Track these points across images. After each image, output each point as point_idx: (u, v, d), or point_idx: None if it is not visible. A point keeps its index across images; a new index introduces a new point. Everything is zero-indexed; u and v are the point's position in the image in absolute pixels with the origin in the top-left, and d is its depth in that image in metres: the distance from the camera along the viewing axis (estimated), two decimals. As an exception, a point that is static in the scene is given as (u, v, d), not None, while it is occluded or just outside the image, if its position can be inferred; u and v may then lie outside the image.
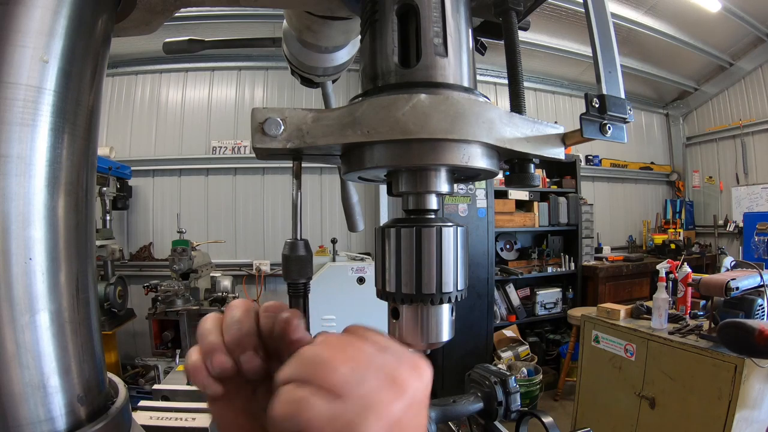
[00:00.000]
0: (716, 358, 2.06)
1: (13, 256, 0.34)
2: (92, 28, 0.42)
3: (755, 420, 2.10)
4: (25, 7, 0.35)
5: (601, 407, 2.72)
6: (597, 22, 0.44)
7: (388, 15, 0.42)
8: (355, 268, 3.78)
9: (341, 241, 4.47)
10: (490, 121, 0.38)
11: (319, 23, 0.63)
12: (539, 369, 4.04)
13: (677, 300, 2.63)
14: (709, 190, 6.45)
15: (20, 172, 0.35)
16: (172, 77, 4.98)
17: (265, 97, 5.04)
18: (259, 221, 4.97)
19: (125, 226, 4.80)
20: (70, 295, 0.39)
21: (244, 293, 4.58)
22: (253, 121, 0.37)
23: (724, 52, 5.57)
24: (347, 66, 0.79)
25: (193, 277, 3.62)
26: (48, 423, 0.36)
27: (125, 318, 3.79)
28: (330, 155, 0.45)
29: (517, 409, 0.96)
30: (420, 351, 0.43)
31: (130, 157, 4.71)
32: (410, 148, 0.39)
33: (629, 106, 0.43)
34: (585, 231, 5.14)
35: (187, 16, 3.94)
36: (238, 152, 4.91)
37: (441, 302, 0.41)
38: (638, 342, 2.46)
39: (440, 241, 0.40)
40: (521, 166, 0.44)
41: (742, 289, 2.06)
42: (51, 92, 0.37)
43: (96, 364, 0.42)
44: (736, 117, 5.96)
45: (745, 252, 5.40)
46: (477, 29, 0.53)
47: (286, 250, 0.40)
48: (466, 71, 0.43)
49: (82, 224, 0.41)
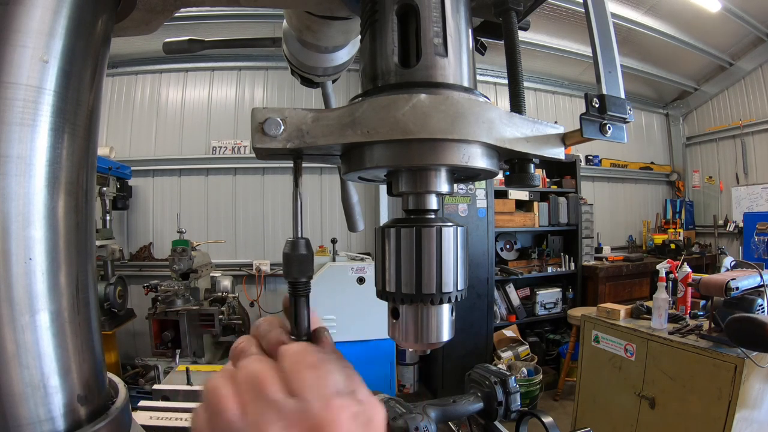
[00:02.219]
0: (716, 358, 2.06)
1: (13, 256, 0.34)
2: (92, 28, 0.42)
3: (755, 420, 2.10)
4: (25, 7, 0.35)
5: (601, 407, 2.72)
6: (597, 22, 0.44)
7: (388, 15, 0.42)
8: (355, 268, 3.78)
9: (341, 241, 4.47)
10: (490, 121, 0.38)
11: (319, 23, 0.63)
12: (539, 369, 4.05)
13: (677, 300, 2.64)
14: (709, 190, 6.45)
15: (20, 172, 0.35)
16: (172, 77, 4.98)
17: (265, 97, 5.04)
18: (259, 221, 4.97)
19: (125, 226, 4.80)
20: (70, 295, 0.39)
21: (244, 293, 4.58)
22: (253, 121, 0.37)
23: (724, 52, 5.57)
24: (347, 66, 0.79)
25: (193, 277, 3.62)
26: (48, 423, 0.36)
27: (125, 318, 3.79)
28: (330, 155, 0.45)
29: (517, 409, 0.96)
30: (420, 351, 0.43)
31: (130, 157, 4.71)
32: (410, 148, 0.38)
33: (629, 106, 0.43)
34: (585, 231, 5.14)
35: (187, 16, 3.94)
36: (238, 152, 4.91)
37: (441, 302, 0.41)
38: (638, 342, 2.46)
39: (440, 241, 0.40)
40: (521, 166, 0.44)
41: (742, 289, 2.06)
42: (51, 92, 0.37)
43: (96, 364, 0.42)
44: (736, 117, 5.96)
45: (745, 252, 5.40)
46: (477, 29, 0.53)
47: (287, 249, 0.40)
48: (466, 71, 0.43)
49: (82, 224, 0.41)
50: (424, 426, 0.79)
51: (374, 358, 3.80)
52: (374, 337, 3.68)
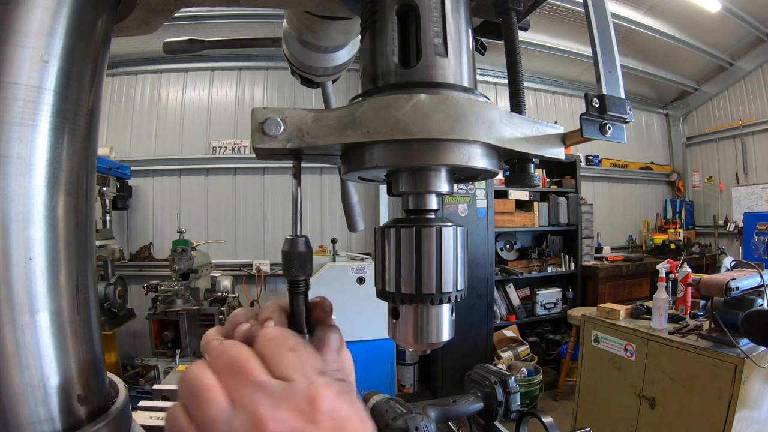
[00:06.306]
0: (716, 358, 2.06)
1: (13, 256, 0.34)
2: (92, 28, 0.42)
3: (755, 420, 2.11)
4: (25, 7, 0.35)
5: (601, 407, 2.72)
6: (597, 22, 0.44)
7: (388, 15, 0.42)
8: (355, 268, 3.79)
9: (341, 241, 4.47)
10: (490, 121, 0.38)
11: (319, 23, 0.63)
12: (539, 369, 4.05)
13: (677, 300, 2.64)
14: (709, 190, 6.45)
15: (20, 172, 0.35)
16: (172, 77, 4.98)
17: (265, 97, 5.05)
18: (259, 221, 4.97)
19: (125, 226, 4.80)
20: (71, 295, 0.39)
21: (244, 293, 4.58)
22: (253, 121, 0.37)
23: (724, 52, 5.57)
24: (347, 66, 0.79)
25: (193, 277, 3.62)
26: (48, 423, 0.36)
27: (125, 318, 3.79)
28: (330, 155, 0.45)
29: (517, 409, 0.96)
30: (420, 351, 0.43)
31: (130, 157, 4.71)
32: (410, 148, 0.38)
33: (629, 106, 0.43)
34: (585, 231, 5.14)
35: (187, 16, 3.95)
36: (238, 152, 4.91)
37: (441, 302, 0.41)
38: (638, 342, 2.46)
39: (440, 241, 0.40)
40: (521, 166, 0.44)
41: (742, 289, 2.06)
42: (51, 92, 0.36)
43: (96, 364, 0.42)
44: (736, 117, 5.96)
45: (745, 252, 5.40)
46: (477, 29, 0.53)
47: (286, 247, 0.40)
48: (466, 71, 0.43)
49: (82, 224, 0.41)
50: (424, 426, 0.79)
51: (374, 358, 3.80)
52: (374, 337, 3.68)
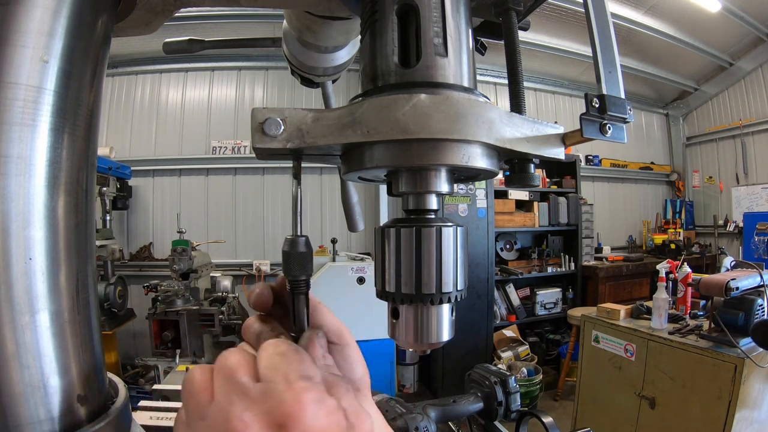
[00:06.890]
0: (716, 358, 2.06)
1: (13, 256, 0.34)
2: (92, 28, 0.42)
3: (755, 420, 2.11)
4: (25, 7, 0.35)
5: (601, 407, 2.72)
6: (597, 22, 0.44)
7: (388, 15, 0.42)
8: (355, 268, 3.78)
9: (341, 241, 4.47)
10: (490, 121, 0.38)
11: (319, 23, 0.63)
12: (539, 369, 4.05)
13: (677, 300, 2.64)
14: (709, 190, 6.45)
15: (20, 172, 0.35)
16: (172, 77, 4.99)
17: (265, 97, 5.05)
18: (259, 221, 4.97)
19: (125, 226, 4.80)
20: (70, 296, 0.39)
21: (244, 293, 4.58)
22: (253, 121, 0.37)
23: (724, 52, 5.57)
24: (347, 66, 0.79)
25: (193, 277, 3.62)
26: (48, 423, 0.36)
27: (125, 318, 3.79)
28: (330, 155, 0.45)
29: (517, 409, 0.96)
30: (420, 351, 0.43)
31: (130, 157, 4.71)
32: (410, 148, 0.38)
33: (629, 106, 0.43)
34: (585, 231, 5.14)
35: (187, 16, 3.95)
36: (238, 152, 4.91)
37: (441, 302, 0.41)
38: (638, 342, 2.46)
39: (440, 241, 0.40)
40: (521, 166, 0.44)
41: (742, 289, 2.06)
42: (51, 92, 0.36)
43: (96, 364, 0.42)
44: (736, 117, 5.96)
45: (745, 252, 5.40)
46: (477, 29, 0.53)
47: (286, 247, 0.40)
48: (466, 71, 0.43)
49: (82, 224, 0.41)
50: (424, 426, 0.79)
51: (374, 358, 3.80)
52: (374, 337, 3.68)
